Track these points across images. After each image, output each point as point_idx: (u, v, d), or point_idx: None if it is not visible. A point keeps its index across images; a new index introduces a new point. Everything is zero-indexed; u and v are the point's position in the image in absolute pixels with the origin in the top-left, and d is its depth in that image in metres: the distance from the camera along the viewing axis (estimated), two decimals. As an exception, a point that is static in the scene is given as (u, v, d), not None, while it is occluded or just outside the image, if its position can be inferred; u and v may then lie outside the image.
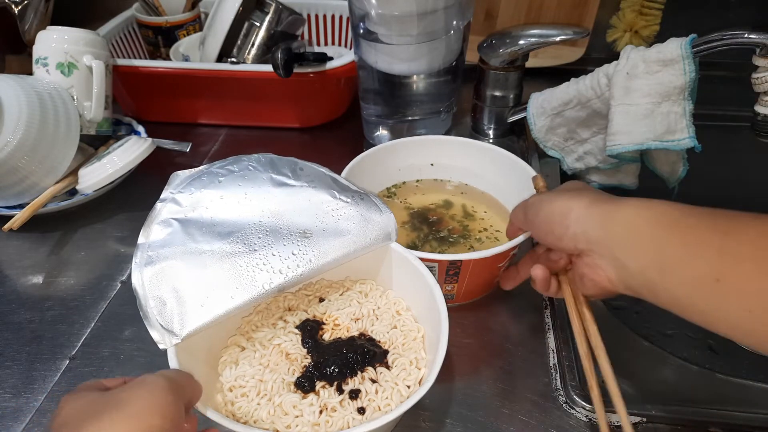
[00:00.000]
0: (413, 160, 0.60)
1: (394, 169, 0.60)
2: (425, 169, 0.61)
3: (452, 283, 0.45)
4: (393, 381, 0.38)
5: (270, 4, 0.75)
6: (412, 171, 0.61)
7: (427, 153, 0.60)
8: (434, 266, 0.43)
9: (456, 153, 0.59)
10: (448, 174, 0.61)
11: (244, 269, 0.39)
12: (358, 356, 0.39)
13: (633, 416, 0.41)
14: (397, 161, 0.60)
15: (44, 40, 0.64)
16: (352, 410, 0.37)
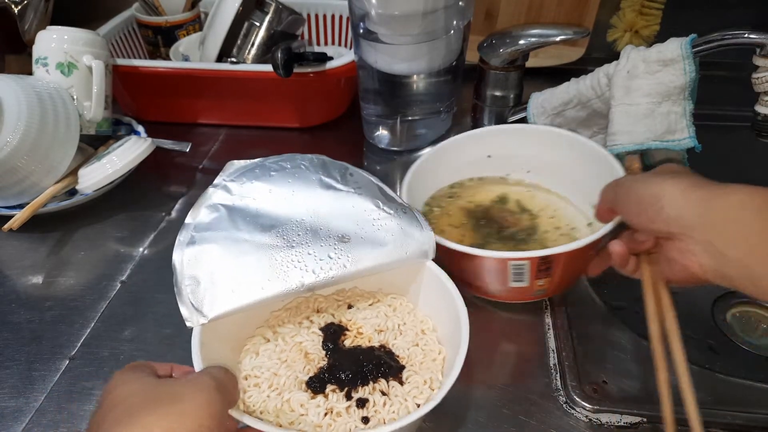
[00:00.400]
0: (471, 155, 0.57)
1: (453, 168, 0.57)
2: (483, 163, 0.58)
3: (544, 278, 0.44)
4: (403, 396, 0.38)
5: (270, 3, 0.75)
6: (471, 167, 0.58)
7: (485, 145, 0.57)
8: (524, 264, 0.42)
9: (519, 143, 0.56)
10: (510, 167, 0.58)
11: (279, 263, 0.40)
12: (373, 366, 0.39)
13: (633, 416, 0.41)
14: (457, 158, 0.57)
15: (44, 40, 0.64)
16: (356, 418, 0.37)
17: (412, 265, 0.43)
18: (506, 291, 0.46)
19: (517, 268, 0.42)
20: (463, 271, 0.45)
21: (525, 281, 0.44)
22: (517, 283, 0.44)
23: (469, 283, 0.47)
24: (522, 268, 0.42)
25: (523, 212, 0.55)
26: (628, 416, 0.41)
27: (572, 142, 0.54)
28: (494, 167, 0.58)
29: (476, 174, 0.59)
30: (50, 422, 0.43)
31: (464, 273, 0.45)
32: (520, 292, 0.46)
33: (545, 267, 0.42)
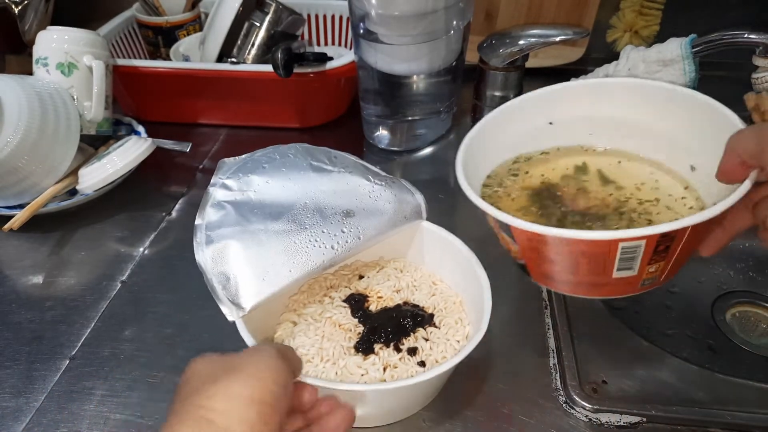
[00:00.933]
0: (533, 122, 0.46)
1: (511, 140, 0.46)
2: (547, 132, 0.46)
3: (658, 262, 0.34)
4: (444, 337, 0.42)
5: (270, 4, 0.75)
6: (533, 137, 0.46)
7: (549, 110, 0.46)
8: (638, 246, 0.32)
9: (591, 102, 0.45)
10: (583, 133, 0.46)
11: (299, 245, 0.42)
12: (409, 319, 0.43)
13: (633, 416, 0.41)
14: (515, 127, 0.46)
15: (44, 40, 0.64)
16: (413, 364, 0.40)
17: (409, 228, 0.47)
18: (607, 283, 0.36)
19: (629, 251, 0.33)
20: (548, 264, 0.36)
21: (634, 269, 0.34)
22: (624, 271, 0.35)
23: (553, 277, 0.37)
24: (634, 251, 0.33)
25: (606, 184, 0.44)
26: (628, 416, 0.41)
27: (664, 93, 0.42)
28: (565, 134, 0.46)
29: (542, 145, 0.47)
30: (51, 422, 0.43)
31: (549, 265, 0.36)
32: (625, 284, 0.36)
33: (664, 247, 0.33)
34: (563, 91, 0.45)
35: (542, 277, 0.37)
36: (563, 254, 0.34)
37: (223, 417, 0.26)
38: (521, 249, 0.36)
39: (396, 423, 0.42)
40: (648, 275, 0.36)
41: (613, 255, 0.33)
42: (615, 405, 0.42)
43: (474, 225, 0.62)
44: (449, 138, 0.75)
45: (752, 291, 0.63)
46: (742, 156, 0.32)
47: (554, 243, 0.33)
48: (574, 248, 0.33)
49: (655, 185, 0.43)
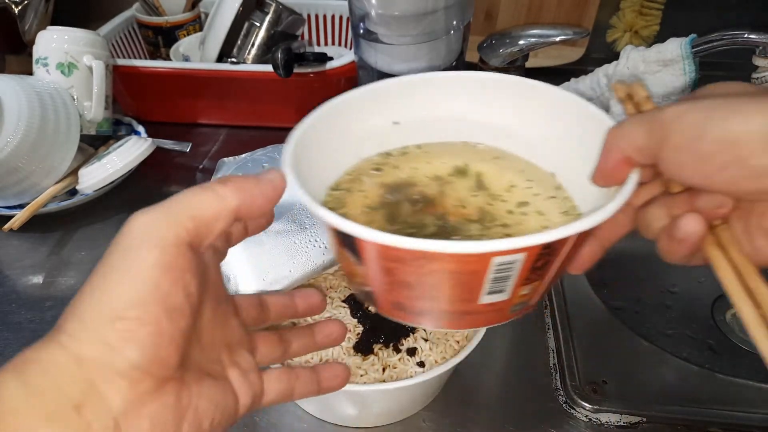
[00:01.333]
0: (376, 119, 0.38)
1: (360, 135, 0.37)
2: (394, 132, 0.38)
3: (533, 281, 0.27)
4: (444, 338, 0.41)
5: (270, 4, 0.75)
6: (383, 134, 0.38)
7: (394, 105, 0.38)
8: (515, 260, 0.25)
9: (459, 96, 0.37)
10: (443, 131, 0.38)
11: (299, 246, 0.42)
12: None
13: (633, 416, 0.41)
14: (358, 123, 0.38)
15: (44, 40, 0.64)
16: (413, 365, 0.40)
17: None
18: (471, 312, 0.28)
19: (504, 268, 0.25)
20: (402, 289, 0.27)
21: (506, 291, 0.27)
22: (495, 295, 0.27)
23: (406, 307, 0.28)
24: (510, 268, 0.25)
25: (475, 188, 0.35)
26: (628, 416, 0.41)
27: (519, 88, 0.36)
28: (418, 132, 0.38)
29: (391, 144, 0.38)
30: (50, 422, 0.43)
31: (403, 291, 0.27)
32: (493, 311, 0.28)
33: (543, 262, 0.26)
34: (415, 84, 0.37)
35: (393, 307, 0.29)
36: (424, 274, 0.25)
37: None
38: (369, 270, 0.27)
39: (395, 423, 0.42)
40: (520, 299, 0.29)
41: (483, 273, 0.25)
42: (615, 405, 0.42)
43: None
44: (449, 138, 0.75)
45: (752, 291, 0.63)
46: (626, 151, 0.27)
47: (415, 259, 0.25)
48: (439, 266, 0.25)
49: (527, 188, 0.35)
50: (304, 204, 0.26)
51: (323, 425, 0.42)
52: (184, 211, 0.23)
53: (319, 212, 0.25)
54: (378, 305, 0.30)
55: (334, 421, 0.42)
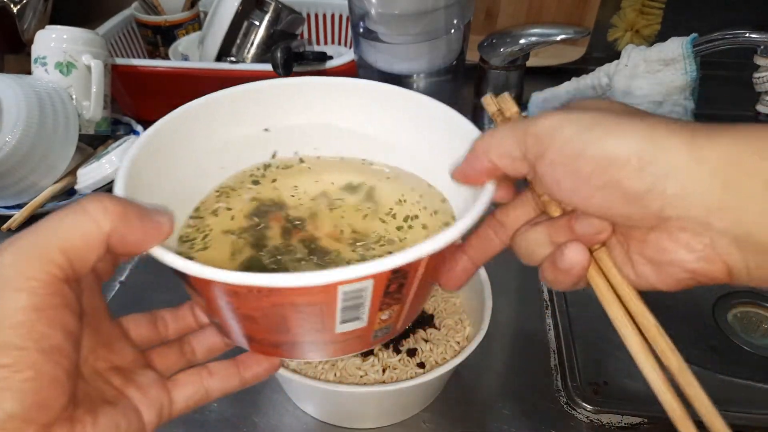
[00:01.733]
0: (244, 128, 0.34)
1: (219, 148, 0.33)
2: (265, 141, 0.34)
3: (392, 306, 0.26)
4: (444, 339, 0.42)
5: (269, 3, 0.75)
6: (252, 146, 0.34)
7: (261, 112, 0.34)
8: (364, 287, 0.23)
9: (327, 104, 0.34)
10: (324, 146, 0.35)
11: None
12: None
13: (634, 417, 0.41)
14: (219, 133, 0.34)
15: (43, 39, 0.64)
16: (413, 366, 0.40)
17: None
18: (331, 341, 0.27)
19: (352, 296, 0.23)
20: (247, 323, 0.25)
21: (363, 319, 0.25)
22: (351, 323, 0.25)
23: (257, 339, 0.27)
24: (360, 296, 0.24)
25: (353, 205, 0.32)
26: (629, 417, 0.41)
27: (393, 96, 0.34)
28: (289, 143, 0.35)
29: (260, 158, 0.34)
30: (49, 423, 0.43)
31: (249, 325, 0.25)
32: (354, 338, 0.27)
33: (397, 286, 0.25)
34: (286, 89, 0.34)
35: (245, 339, 0.27)
36: (264, 309, 0.23)
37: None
38: (209, 304, 0.25)
39: (396, 424, 0.42)
40: (381, 324, 0.27)
41: (332, 303, 0.23)
42: (616, 406, 0.42)
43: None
44: (449, 137, 0.75)
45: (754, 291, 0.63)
46: (493, 161, 0.26)
47: (251, 294, 0.22)
48: (280, 299, 0.23)
49: (416, 202, 0.33)
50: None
51: (323, 426, 0.42)
52: (53, 242, 0.20)
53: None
54: (232, 338, 0.28)
55: (334, 422, 0.41)
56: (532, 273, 0.54)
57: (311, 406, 0.42)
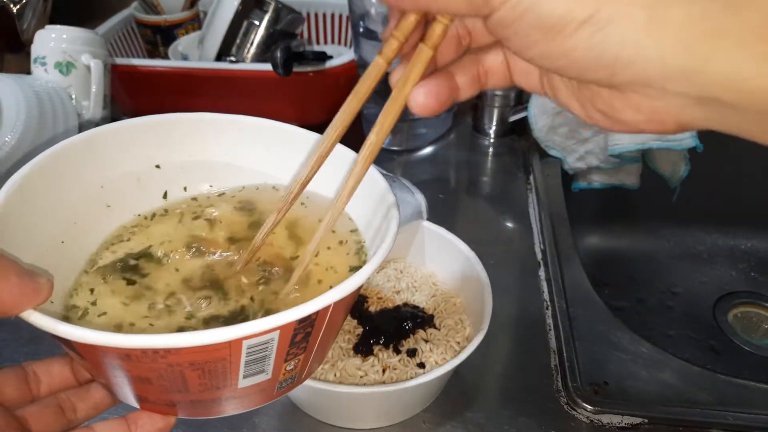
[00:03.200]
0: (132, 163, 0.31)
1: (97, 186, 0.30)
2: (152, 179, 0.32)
3: (298, 355, 0.25)
4: (444, 339, 0.42)
5: (269, 2, 0.75)
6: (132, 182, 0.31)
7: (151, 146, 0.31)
8: (269, 341, 0.22)
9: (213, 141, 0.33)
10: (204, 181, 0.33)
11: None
12: (409, 321, 0.43)
13: (634, 417, 0.41)
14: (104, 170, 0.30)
15: (42, 39, 0.64)
16: (413, 366, 0.40)
17: (409, 228, 0.47)
18: (232, 397, 0.25)
19: (257, 349, 0.22)
20: (141, 384, 0.23)
21: (267, 371, 0.24)
22: (255, 377, 0.24)
23: (149, 399, 0.25)
24: (265, 348, 0.22)
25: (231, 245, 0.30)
26: (630, 417, 0.41)
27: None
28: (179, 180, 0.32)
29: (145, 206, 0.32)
30: (48, 423, 0.43)
31: (142, 386, 0.23)
32: (257, 392, 0.26)
33: (303, 335, 0.23)
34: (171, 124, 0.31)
35: (135, 398, 0.25)
36: (159, 370, 0.21)
37: None
38: (94, 367, 0.23)
39: (396, 424, 0.42)
40: (285, 375, 0.26)
41: (236, 359, 0.22)
42: (616, 406, 0.41)
43: (475, 225, 0.62)
44: (449, 138, 0.75)
45: (754, 291, 0.63)
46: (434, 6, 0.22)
47: (143, 357, 0.21)
48: (177, 359, 0.21)
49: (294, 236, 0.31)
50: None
51: (323, 426, 0.41)
52: None
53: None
54: (120, 396, 0.25)
55: (334, 422, 0.41)
56: (532, 273, 0.54)
57: (311, 406, 0.42)
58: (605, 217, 0.72)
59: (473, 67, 0.25)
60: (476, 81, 0.25)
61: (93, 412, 0.26)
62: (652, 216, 0.71)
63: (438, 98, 0.24)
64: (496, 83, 0.25)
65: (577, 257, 0.53)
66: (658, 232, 0.71)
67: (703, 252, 0.69)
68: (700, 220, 0.71)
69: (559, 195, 0.61)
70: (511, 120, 0.72)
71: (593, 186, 0.65)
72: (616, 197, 0.66)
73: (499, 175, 0.69)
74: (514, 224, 0.60)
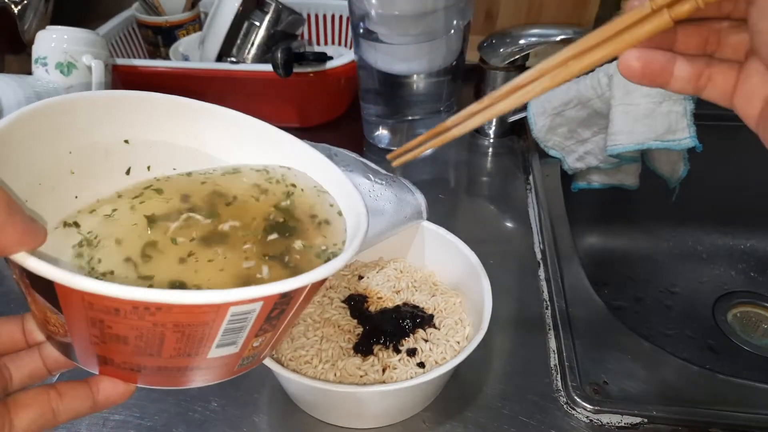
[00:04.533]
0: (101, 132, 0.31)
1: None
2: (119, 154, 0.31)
3: (266, 333, 0.25)
4: (444, 338, 0.42)
5: (270, 3, 0.75)
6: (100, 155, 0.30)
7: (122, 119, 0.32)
8: (252, 310, 0.22)
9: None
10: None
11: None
12: (408, 320, 0.43)
13: (634, 417, 0.41)
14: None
15: (43, 39, 0.64)
16: (413, 365, 0.40)
17: (409, 228, 0.47)
18: (197, 367, 0.25)
19: (239, 318, 0.22)
20: (114, 344, 0.23)
21: (237, 344, 0.24)
22: (225, 348, 0.24)
23: (115, 362, 0.24)
24: (245, 318, 0.23)
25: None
26: (629, 416, 0.41)
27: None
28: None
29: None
30: (49, 423, 0.43)
31: (114, 346, 0.23)
32: (220, 366, 0.26)
33: (279, 311, 0.24)
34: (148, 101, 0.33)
35: (99, 361, 0.24)
36: (145, 328, 0.21)
37: None
38: (70, 321, 0.22)
39: (396, 424, 0.42)
40: (250, 352, 0.26)
41: (217, 325, 0.22)
42: (616, 406, 0.42)
43: (475, 225, 0.62)
44: (449, 138, 0.75)
45: (753, 291, 0.63)
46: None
47: (135, 311, 0.20)
48: (166, 318, 0.21)
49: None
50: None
51: (323, 426, 0.42)
52: None
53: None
54: (78, 359, 0.25)
55: (334, 422, 0.41)
56: (531, 273, 0.54)
57: (311, 406, 0.42)
58: (604, 217, 0.72)
59: (700, 67, 0.24)
60: (693, 82, 0.24)
61: (27, 382, 0.26)
62: (652, 216, 0.71)
63: (646, 70, 0.23)
64: (713, 96, 0.24)
65: (577, 257, 0.53)
66: (658, 232, 0.71)
67: (703, 252, 0.69)
68: (699, 220, 0.71)
69: (558, 195, 0.61)
70: (511, 120, 0.72)
71: (592, 186, 0.65)
72: (616, 197, 0.67)
73: (498, 175, 0.69)
74: (513, 224, 0.61)
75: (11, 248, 0.19)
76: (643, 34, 0.22)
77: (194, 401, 0.43)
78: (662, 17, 0.21)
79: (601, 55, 0.23)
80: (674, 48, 0.24)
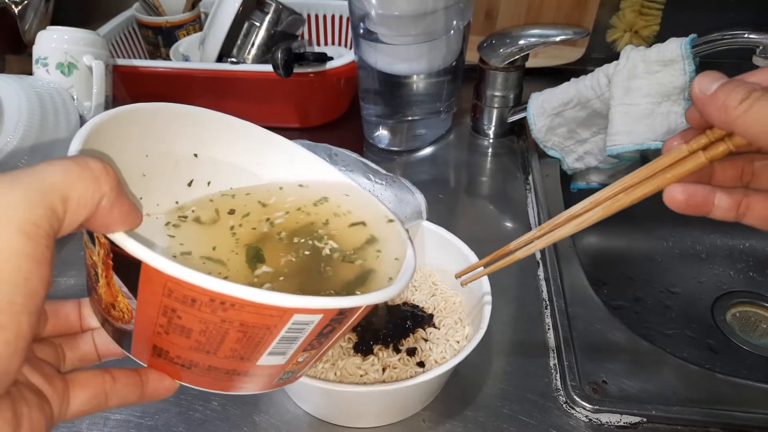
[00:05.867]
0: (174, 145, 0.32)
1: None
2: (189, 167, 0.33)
3: (313, 349, 0.26)
4: (444, 338, 0.42)
5: (270, 4, 0.75)
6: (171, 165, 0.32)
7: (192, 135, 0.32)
8: (310, 322, 0.23)
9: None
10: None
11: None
12: (408, 320, 0.43)
13: (633, 416, 0.41)
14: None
15: (44, 40, 0.64)
16: (413, 365, 0.40)
17: (409, 228, 0.47)
18: (245, 373, 0.25)
19: (297, 327, 0.23)
20: (176, 336, 0.23)
21: (286, 355, 0.25)
22: (274, 357, 0.25)
23: (170, 356, 0.24)
24: (302, 329, 0.23)
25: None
26: (628, 416, 0.41)
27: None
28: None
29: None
30: (50, 422, 0.43)
31: (176, 339, 0.23)
32: (264, 376, 0.26)
33: (330, 328, 0.24)
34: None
35: (153, 353, 0.25)
36: (208, 322, 0.22)
37: None
38: (141, 307, 0.22)
39: (396, 423, 0.42)
40: (292, 366, 0.26)
41: (277, 330, 0.23)
42: (615, 405, 0.42)
43: (475, 225, 0.62)
44: (449, 138, 0.75)
45: (752, 291, 0.63)
46: (715, 105, 0.23)
47: (210, 303, 0.21)
48: (236, 314, 0.21)
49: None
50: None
51: (323, 425, 0.42)
52: (56, 190, 0.17)
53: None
54: (131, 347, 0.25)
55: (334, 421, 0.42)
56: (531, 273, 0.54)
57: (311, 405, 0.42)
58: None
59: (738, 197, 0.27)
60: (734, 210, 0.27)
61: (79, 364, 0.26)
62: (651, 216, 0.71)
63: (690, 202, 0.26)
64: (753, 222, 0.27)
65: (576, 257, 0.53)
66: (657, 231, 0.72)
67: (702, 252, 0.69)
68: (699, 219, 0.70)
69: (557, 195, 0.61)
70: (510, 120, 0.72)
71: (592, 186, 0.65)
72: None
73: (498, 175, 0.69)
74: (513, 224, 0.61)
75: (114, 226, 0.20)
76: (682, 172, 0.26)
77: (195, 401, 0.43)
78: (698, 158, 0.25)
79: (649, 190, 0.27)
80: (713, 180, 0.27)
